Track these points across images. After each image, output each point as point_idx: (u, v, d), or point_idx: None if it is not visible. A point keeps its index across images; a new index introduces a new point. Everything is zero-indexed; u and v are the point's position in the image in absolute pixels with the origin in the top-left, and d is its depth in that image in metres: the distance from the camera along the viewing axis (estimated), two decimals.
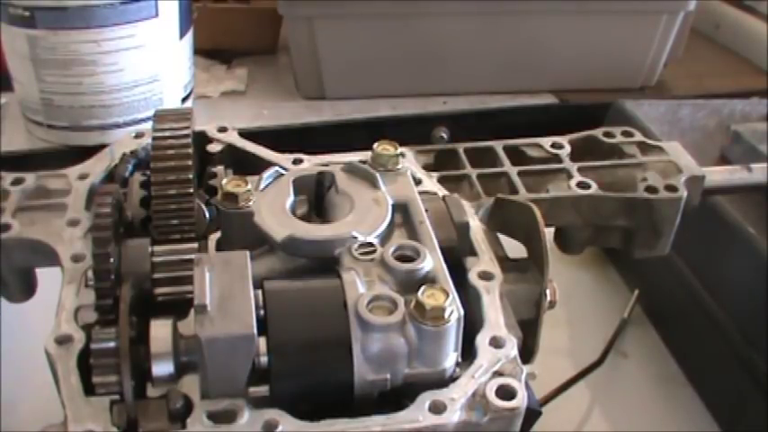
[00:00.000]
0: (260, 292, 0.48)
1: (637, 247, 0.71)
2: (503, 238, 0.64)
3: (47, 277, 0.63)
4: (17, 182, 0.64)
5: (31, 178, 0.65)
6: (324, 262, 0.53)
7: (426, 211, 0.57)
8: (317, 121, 1.10)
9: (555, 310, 0.58)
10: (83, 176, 0.65)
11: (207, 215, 0.59)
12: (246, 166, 0.66)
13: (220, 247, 0.57)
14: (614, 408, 0.78)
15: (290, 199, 0.57)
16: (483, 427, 0.46)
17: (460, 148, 0.73)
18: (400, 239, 0.55)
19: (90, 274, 0.53)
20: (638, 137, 0.75)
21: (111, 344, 0.47)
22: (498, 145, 0.74)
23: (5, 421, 0.71)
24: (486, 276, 0.55)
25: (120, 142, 0.69)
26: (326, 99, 1.20)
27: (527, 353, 0.56)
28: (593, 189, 0.68)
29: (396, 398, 0.48)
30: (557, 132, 0.75)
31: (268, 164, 0.64)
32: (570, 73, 1.22)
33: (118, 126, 1.02)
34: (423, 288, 0.48)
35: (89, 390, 0.47)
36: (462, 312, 0.48)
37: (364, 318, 0.47)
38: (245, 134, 0.70)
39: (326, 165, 0.63)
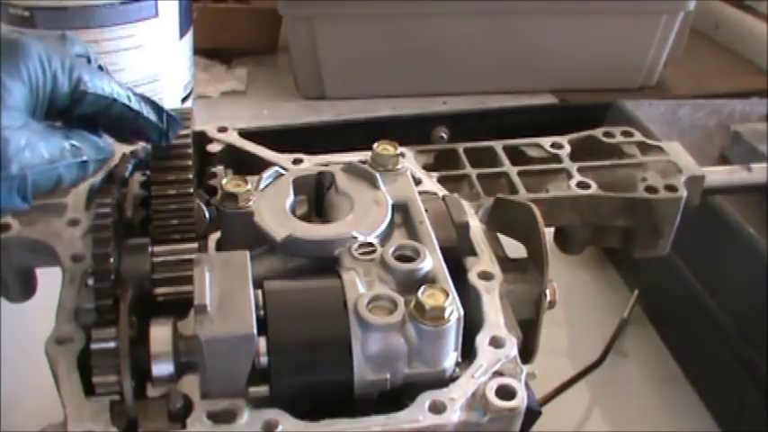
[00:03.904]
0: (260, 292, 0.48)
1: (637, 247, 0.71)
2: (503, 238, 0.64)
3: (47, 277, 0.63)
4: None
5: None
6: (324, 262, 0.53)
7: (426, 211, 0.57)
8: (317, 121, 1.10)
9: (555, 310, 0.58)
10: None
11: (207, 215, 0.59)
12: (246, 166, 0.66)
13: (220, 247, 0.57)
14: (614, 408, 0.78)
15: (290, 199, 0.58)
16: (483, 427, 0.46)
17: (460, 148, 0.73)
18: (400, 239, 0.55)
19: (90, 273, 0.53)
20: (638, 137, 0.75)
21: (111, 344, 0.47)
22: (498, 145, 0.74)
23: (5, 421, 0.71)
24: (486, 276, 0.55)
25: None
26: (326, 99, 1.20)
27: (527, 353, 0.56)
28: (593, 189, 0.68)
29: (396, 398, 0.48)
30: (557, 132, 0.75)
31: (268, 164, 0.64)
32: (570, 73, 1.22)
33: None
34: (422, 288, 0.48)
35: (89, 390, 0.47)
36: (462, 312, 0.48)
37: (364, 318, 0.47)
38: (245, 134, 0.70)
39: (326, 165, 0.63)
